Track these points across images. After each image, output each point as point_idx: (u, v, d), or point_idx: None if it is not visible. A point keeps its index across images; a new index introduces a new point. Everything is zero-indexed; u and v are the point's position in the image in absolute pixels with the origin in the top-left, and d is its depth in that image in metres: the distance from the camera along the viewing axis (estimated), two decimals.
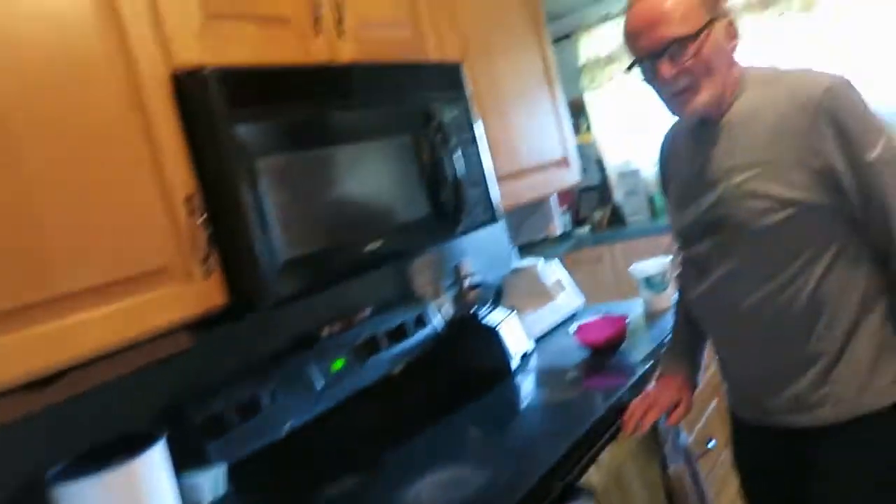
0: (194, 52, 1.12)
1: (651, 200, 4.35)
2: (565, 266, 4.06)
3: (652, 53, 1.19)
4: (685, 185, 1.34)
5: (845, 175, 1.11)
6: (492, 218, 1.69)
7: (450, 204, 1.53)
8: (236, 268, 1.12)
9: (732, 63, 1.25)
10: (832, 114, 1.10)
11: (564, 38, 4.41)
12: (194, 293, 1.10)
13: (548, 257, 2.36)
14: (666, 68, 1.17)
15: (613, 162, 4.41)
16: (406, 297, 1.96)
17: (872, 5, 3.41)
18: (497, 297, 2.30)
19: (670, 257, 2.04)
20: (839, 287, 1.16)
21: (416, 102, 1.50)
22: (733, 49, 1.24)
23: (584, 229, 4.44)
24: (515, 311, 1.98)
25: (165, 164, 1.07)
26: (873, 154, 1.10)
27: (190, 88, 1.09)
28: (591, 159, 4.61)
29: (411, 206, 1.48)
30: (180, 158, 1.09)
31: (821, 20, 3.53)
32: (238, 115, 1.11)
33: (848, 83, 1.13)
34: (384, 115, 1.43)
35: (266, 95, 1.17)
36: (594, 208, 4.55)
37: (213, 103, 1.08)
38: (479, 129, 1.67)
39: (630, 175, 4.32)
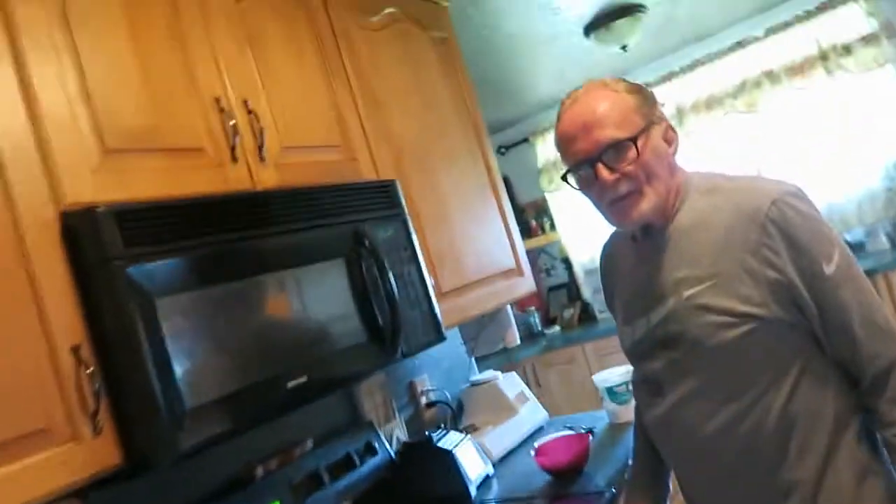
0: (88, 189, 1.05)
1: None
2: (537, 369, 3.98)
3: (589, 157, 1.13)
4: (631, 299, 1.26)
5: (802, 289, 1.04)
6: (436, 337, 1.60)
7: (387, 327, 1.44)
8: (130, 423, 1.01)
9: (674, 168, 1.20)
10: (781, 226, 1.04)
11: (524, 142, 4.48)
12: (83, 454, 0.97)
13: (517, 361, 2.26)
14: (605, 173, 1.12)
15: (580, 259, 4.38)
16: (353, 424, 1.82)
17: (813, 106, 3.51)
18: (456, 413, 2.18)
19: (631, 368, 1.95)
20: (809, 408, 1.07)
21: (346, 224, 1.44)
22: (674, 153, 1.20)
23: (555, 329, 4.35)
24: (470, 436, 1.86)
25: (49, 312, 0.97)
26: (830, 268, 1.04)
27: (79, 229, 1.01)
28: (557, 258, 4.59)
29: (344, 334, 1.38)
30: (67, 305, 0.99)
31: (764, 120, 3.64)
32: (135, 255, 1.03)
33: (796, 193, 1.08)
34: (311, 240, 1.37)
35: (170, 230, 1.10)
36: (564, 306, 4.49)
37: (105, 244, 1.00)
38: (417, 247, 1.60)
39: (596, 272, 4.27)
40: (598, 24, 2.97)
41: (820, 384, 1.07)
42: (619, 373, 1.93)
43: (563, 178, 1.22)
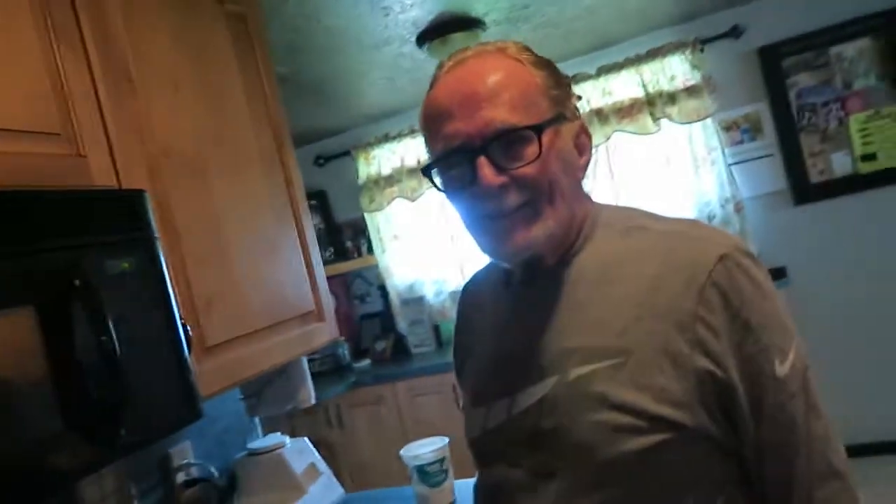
0: None
1: (437, 330, 4.03)
2: (342, 409, 3.55)
3: (467, 145, 0.78)
4: (491, 368, 0.90)
5: (740, 391, 0.73)
6: (187, 415, 1.14)
7: (102, 410, 0.97)
8: None
9: (581, 191, 0.86)
10: (729, 296, 0.74)
11: (344, 155, 4.10)
12: None
13: (319, 400, 1.83)
14: (489, 172, 0.77)
15: (397, 287, 4.06)
16: None
17: (638, 150, 3.50)
18: (225, 492, 1.71)
19: (447, 440, 1.61)
20: None
21: (50, 253, 0.95)
22: (584, 168, 0.86)
23: (365, 362, 3.97)
24: None
25: None
26: (783, 368, 0.74)
27: None
28: (373, 284, 4.24)
29: (31, 419, 0.89)
30: None
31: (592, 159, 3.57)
32: None
33: (749, 252, 0.78)
34: None
35: None
36: (377, 338, 4.13)
37: None
38: (170, 284, 1.14)
39: (414, 303, 3.99)
40: (433, 35, 2.67)
41: None
42: (432, 447, 1.58)
43: (426, 172, 0.84)
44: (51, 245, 0.95)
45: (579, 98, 0.91)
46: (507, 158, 0.79)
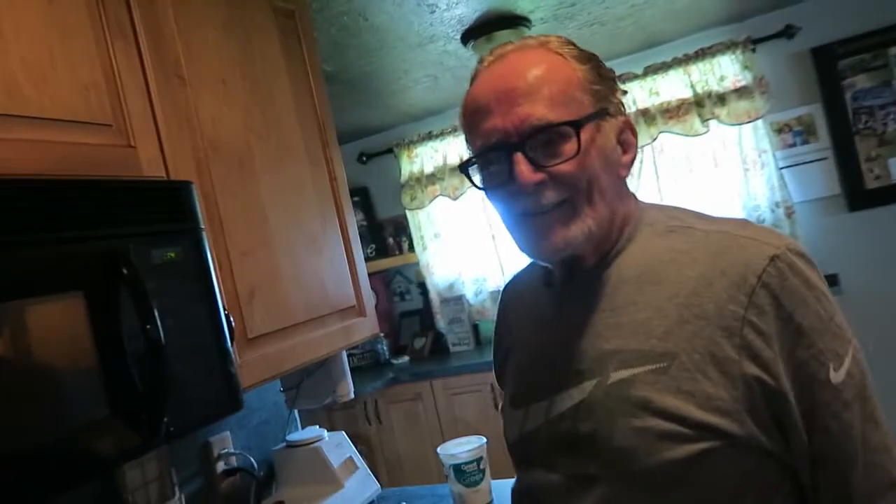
0: None
1: (476, 329, 4.02)
2: (380, 405, 3.57)
3: (505, 141, 0.76)
4: (530, 370, 0.88)
5: (791, 400, 0.70)
6: (227, 407, 1.16)
7: (145, 395, 0.98)
8: None
9: (624, 189, 0.84)
10: (780, 298, 0.70)
11: (387, 152, 4.12)
12: None
13: (357, 395, 1.83)
14: (527, 169, 0.76)
15: (437, 286, 4.06)
16: None
17: (686, 150, 3.43)
18: (263, 483, 1.73)
19: (484, 440, 1.60)
20: None
21: (97, 241, 0.97)
22: (628, 167, 0.83)
23: (404, 359, 3.99)
24: None
25: None
26: (839, 374, 0.70)
27: None
28: (413, 282, 4.25)
29: (77, 405, 0.91)
30: None
31: (637, 158, 3.52)
32: None
33: (803, 252, 0.74)
34: (28, 261, 0.89)
35: None
36: (416, 335, 4.14)
37: None
38: (214, 276, 1.16)
39: (454, 301, 3.98)
40: (478, 32, 2.66)
41: None
42: (469, 447, 1.57)
43: (463, 169, 0.83)
44: (100, 233, 0.97)
45: (625, 93, 0.88)
46: (545, 155, 0.77)
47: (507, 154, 0.78)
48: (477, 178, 0.84)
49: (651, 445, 0.71)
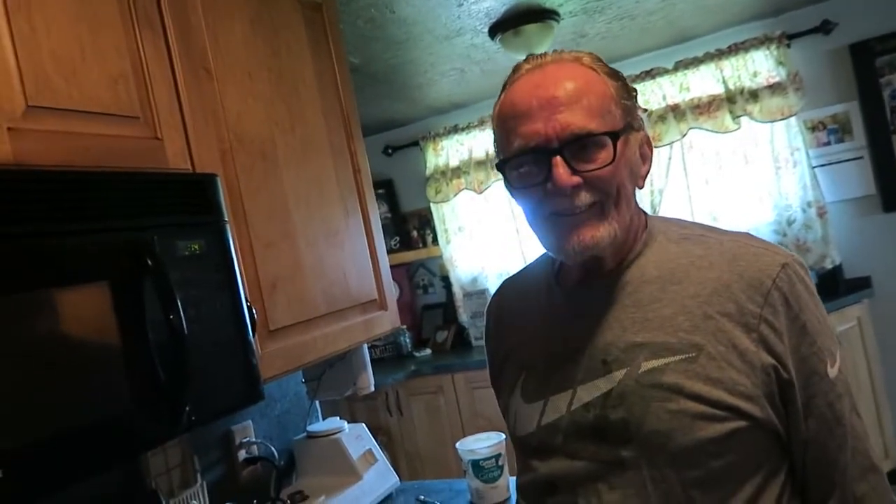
0: None
1: None
2: (401, 397, 3.58)
3: (545, 145, 0.82)
4: (542, 364, 0.92)
5: (796, 388, 0.81)
6: (248, 397, 1.17)
7: (168, 386, 1.00)
8: None
9: (636, 200, 0.92)
10: (791, 301, 0.81)
11: (414, 145, 4.12)
12: None
13: (378, 386, 1.84)
14: (564, 172, 0.82)
15: (460, 280, 4.06)
16: (127, 497, 1.35)
17: (716, 147, 3.38)
18: (283, 473, 1.75)
19: (503, 436, 1.60)
20: None
21: (122, 232, 0.98)
22: (644, 177, 0.91)
23: (426, 352, 3.99)
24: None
25: None
26: (833, 370, 0.82)
27: None
28: (436, 275, 4.25)
29: (99, 395, 0.93)
30: None
31: (665, 155, 3.47)
32: None
33: (802, 263, 0.86)
34: (57, 251, 0.90)
35: None
36: (438, 328, 4.14)
37: None
38: (237, 268, 1.17)
39: (477, 295, 3.98)
40: (506, 26, 2.64)
41: None
42: (488, 443, 1.57)
43: (499, 167, 0.89)
44: (125, 224, 0.99)
45: (645, 111, 0.97)
46: (580, 161, 0.83)
47: (545, 157, 0.83)
48: (512, 178, 0.89)
49: (687, 426, 0.78)
